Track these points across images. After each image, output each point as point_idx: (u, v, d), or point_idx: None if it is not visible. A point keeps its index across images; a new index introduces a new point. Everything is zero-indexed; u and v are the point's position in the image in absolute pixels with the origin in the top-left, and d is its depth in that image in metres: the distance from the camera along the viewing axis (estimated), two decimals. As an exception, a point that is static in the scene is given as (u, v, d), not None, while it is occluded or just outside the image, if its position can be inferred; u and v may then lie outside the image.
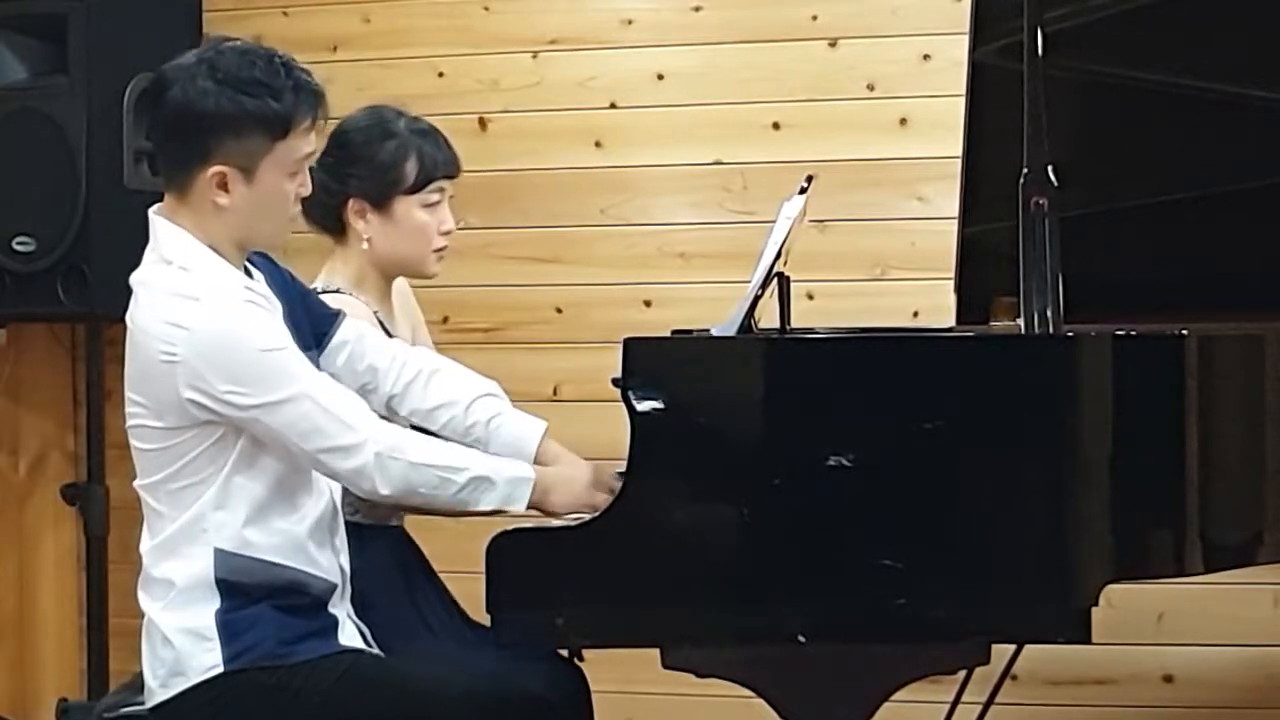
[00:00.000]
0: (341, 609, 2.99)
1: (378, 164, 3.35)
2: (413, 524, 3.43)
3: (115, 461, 4.72)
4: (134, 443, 2.91)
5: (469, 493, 2.88)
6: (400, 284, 3.52)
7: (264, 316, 2.85)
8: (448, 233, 3.42)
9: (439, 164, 3.40)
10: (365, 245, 3.35)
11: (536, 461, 3.05)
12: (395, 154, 3.36)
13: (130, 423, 2.91)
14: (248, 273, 2.95)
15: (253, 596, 2.87)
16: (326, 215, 3.36)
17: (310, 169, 3.07)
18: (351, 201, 3.35)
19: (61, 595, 4.98)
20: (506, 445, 3.08)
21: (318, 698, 2.86)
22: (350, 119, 3.44)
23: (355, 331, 3.14)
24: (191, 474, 2.86)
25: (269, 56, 2.88)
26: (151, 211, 2.93)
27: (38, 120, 4.43)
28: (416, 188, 3.36)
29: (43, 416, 4.98)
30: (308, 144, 2.91)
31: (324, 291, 3.29)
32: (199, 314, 2.80)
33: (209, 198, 2.85)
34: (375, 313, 3.34)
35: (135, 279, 2.91)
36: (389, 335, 3.34)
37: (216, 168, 2.84)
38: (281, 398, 2.80)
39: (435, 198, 3.39)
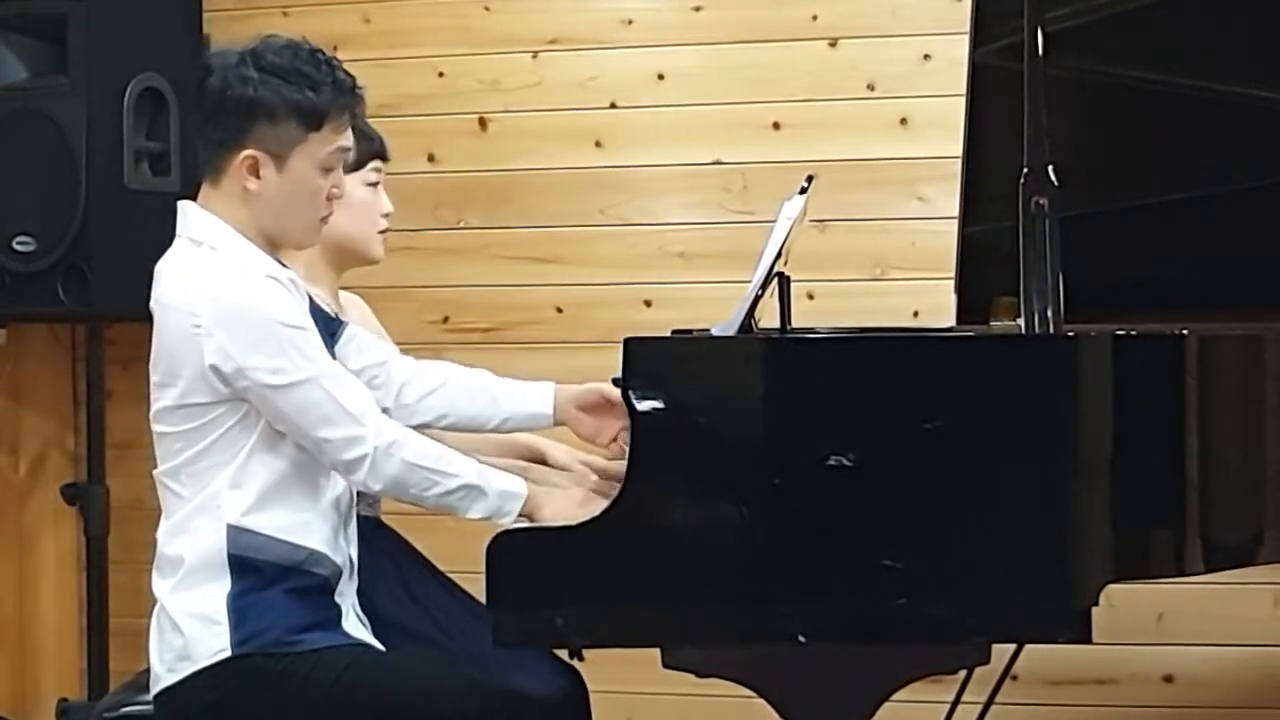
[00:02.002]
0: (347, 600, 3.01)
1: None
2: (412, 524, 3.43)
3: (115, 461, 4.73)
4: (158, 428, 2.95)
5: (458, 499, 2.91)
6: (355, 300, 3.53)
7: (286, 294, 2.90)
8: (387, 215, 3.45)
9: (374, 142, 3.42)
10: None
11: (556, 406, 3.16)
12: None
13: (155, 408, 2.94)
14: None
15: (264, 575, 2.89)
16: None
17: None
18: None
19: (61, 595, 4.98)
20: (524, 397, 3.18)
21: (321, 688, 2.88)
22: None
23: (361, 332, 3.21)
24: (216, 453, 2.89)
25: (312, 51, 2.96)
26: (182, 203, 2.99)
27: (38, 120, 4.42)
28: (356, 166, 3.38)
29: (43, 416, 4.98)
30: (341, 141, 2.97)
31: None
32: (223, 283, 2.86)
33: (240, 182, 2.92)
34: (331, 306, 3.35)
35: (161, 264, 2.96)
36: None
37: (249, 152, 2.90)
38: (295, 379, 2.85)
39: (374, 177, 3.43)
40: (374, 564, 3.21)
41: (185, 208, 2.98)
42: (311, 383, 2.86)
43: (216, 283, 2.86)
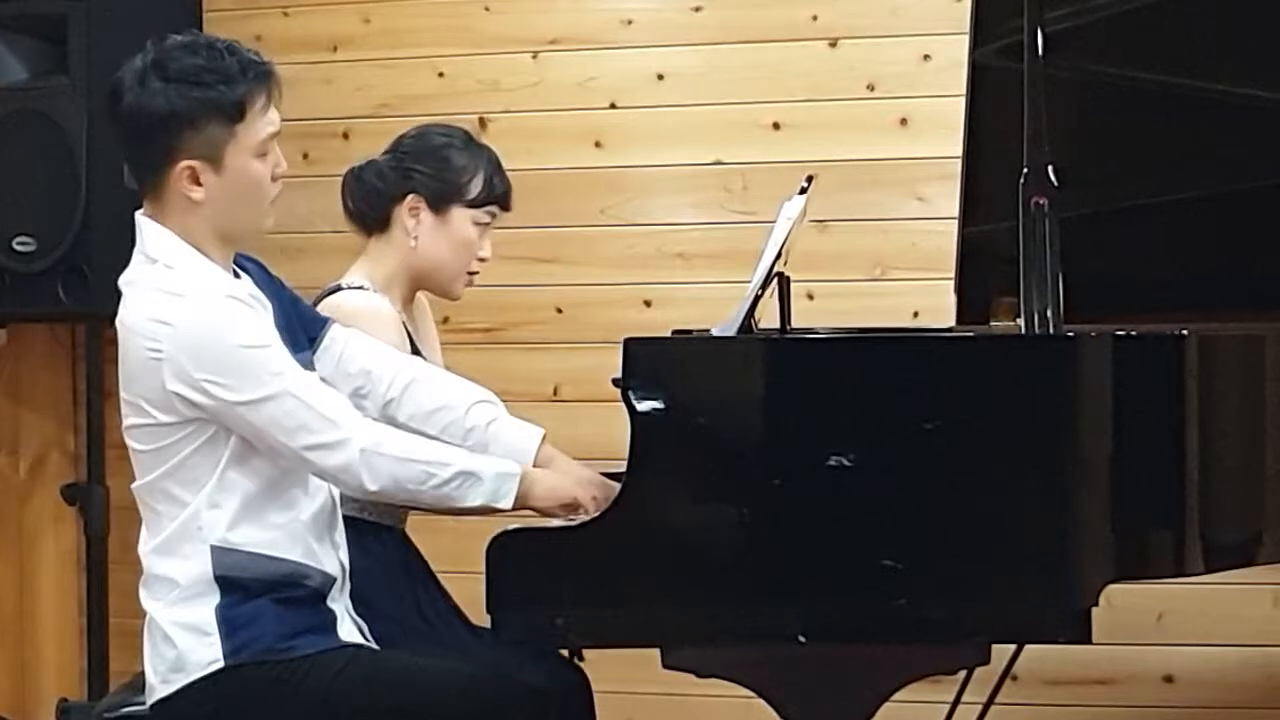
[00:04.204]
0: (340, 603, 3.00)
1: (451, 167, 3.40)
2: (413, 524, 3.43)
3: (115, 461, 4.71)
4: (130, 444, 2.93)
5: (455, 488, 2.88)
6: (423, 303, 3.53)
7: (247, 313, 2.87)
8: (483, 260, 3.45)
9: (502, 190, 3.45)
10: (413, 243, 3.37)
11: (535, 466, 3.06)
12: (468, 163, 3.41)
13: (126, 424, 2.92)
14: (236, 274, 2.97)
15: (252, 591, 2.87)
16: (375, 207, 3.39)
17: (373, 159, 3.28)
18: (410, 198, 3.37)
19: (61, 595, 4.98)
20: (506, 449, 3.08)
21: (318, 692, 2.87)
22: (433, 126, 3.50)
23: (345, 335, 3.14)
24: (187, 472, 2.87)
25: (210, 44, 2.91)
26: (137, 214, 2.95)
27: (38, 120, 4.43)
28: (477, 203, 3.40)
29: (43, 416, 4.98)
30: (268, 122, 2.91)
31: (349, 288, 3.30)
32: (182, 309, 2.82)
33: (182, 194, 2.87)
34: (400, 316, 3.35)
35: (123, 280, 2.93)
36: (413, 344, 3.34)
37: (184, 163, 2.86)
38: (264, 394, 2.82)
39: (486, 220, 3.43)
40: (377, 568, 3.21)
41: (141, 223, 2.93)
42: (282, 395, 2.82)
43: (173, 309, 2.82)
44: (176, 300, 2.83)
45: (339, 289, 3.33)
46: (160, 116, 2.84)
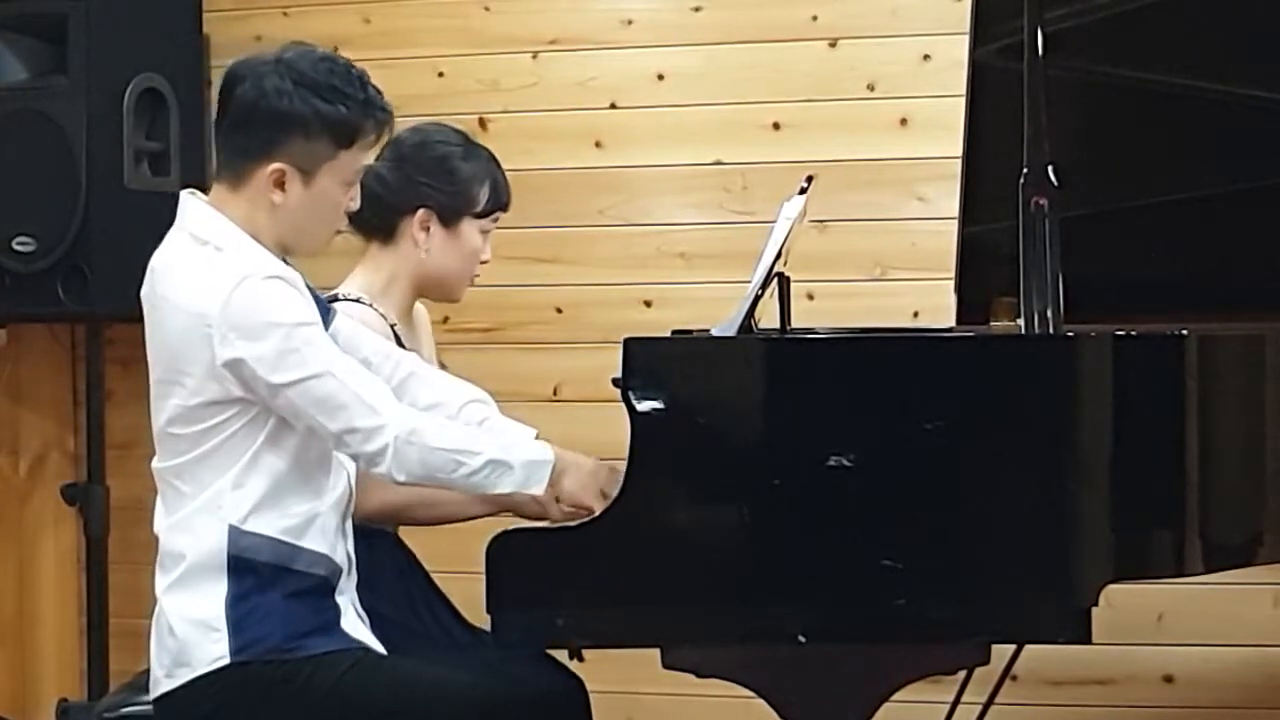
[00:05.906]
0: (347, 596, 3.00)
1: (460, 181, 3.38)
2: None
3: (115, 461, 4.73)
4: (164, 426, 2.93)
5: (485, 476, 2.89)
6: (421, 312, 3.54)
7: (294, 294, 2.89)
8: (484, 263, 3.46)
9: (505, 196, 3.45)
10: (424, 255, 3.36)
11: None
12: (475, 173, 3.40)
13: (164, 407, 2.92)
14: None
15: (262, 577, 2.88)
16: (383, 218, 3.37)
17: (371, 164, 3.18)
18: (420, 213, 3.36)
19: (61, 595, 4.98)
20: None
21: (321, 693, 2.88)
22: (429, 130, 3.48)
23: (347, 325, 3.15)
24: (221, 454, 2.89)
25: (347, 67, 2.95)
26: (185, 193, 2.97)
27: (38, 120, 4.43)
28: (484, 213, 3.40)
29: (43, 416, 4.98)
30: (367, 158, 2.97)
31: (344, 299, 3.30)
32: (232, 287, 2.84)
33: (265, 194, 2.90)
34: (393, 326, 3.35)
35: (163, 261, 2.94)
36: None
37: (278, 165, 2.89)
38: (308, 374, 2.84)
39: (490, 227, 3.44)
40: (383, 578, 3.21)
41: (189, 202, 2.95)
42: (325, 376, 2.85)
43: (225, 286, 2.83)
44: (226, 278, 2.84)
45: (335, 299, 3.32)
46: (277, 113, 2.88)
